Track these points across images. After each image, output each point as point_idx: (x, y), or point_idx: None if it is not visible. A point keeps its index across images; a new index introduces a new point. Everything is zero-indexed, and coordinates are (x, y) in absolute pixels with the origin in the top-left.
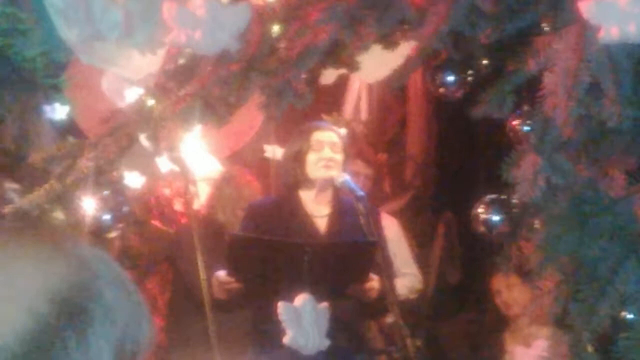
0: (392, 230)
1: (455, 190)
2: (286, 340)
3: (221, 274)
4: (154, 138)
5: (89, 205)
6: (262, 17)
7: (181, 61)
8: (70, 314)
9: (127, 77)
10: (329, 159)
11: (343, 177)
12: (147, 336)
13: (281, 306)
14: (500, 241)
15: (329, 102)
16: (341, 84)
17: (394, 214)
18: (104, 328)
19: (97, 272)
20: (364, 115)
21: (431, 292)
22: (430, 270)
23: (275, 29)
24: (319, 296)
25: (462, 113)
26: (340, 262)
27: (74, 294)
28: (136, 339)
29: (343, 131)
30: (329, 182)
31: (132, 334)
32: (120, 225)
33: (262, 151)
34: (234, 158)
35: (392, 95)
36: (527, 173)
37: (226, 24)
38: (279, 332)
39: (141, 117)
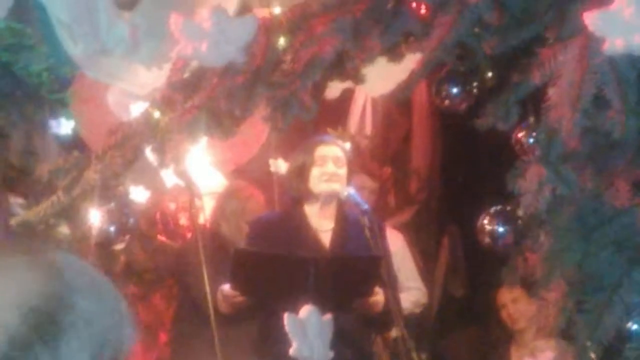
0: (396, 244)
1: (460, 204)
2: (291, 351)
3: (226, 287)
4: (160, 150)
5: (95, 217)
6: (268, 29)
7: (187, 73)
8: (42, 326)
9: (133, 92)
10: (332, 174)
11: (348, 191)
12: (129, 342)
13: (287, 317)
14: (505, 253)
15: (333, 116)
16: (346, 98)
17: (398, 227)
18: (78, 338)
19: (70, 281)
20: (368, 129)
21: (436, 305)
22: (435, 284)
23: (281, 41)
24: (323, 310)
25: (467, 126)
26: (345, 277)
27: (46, 306)
28: (117, 345)
29: (348, 145)
30: (333, 196)
31: (113, 341)
32: (126, 237)
33: (268, 165)
34: (239, 172)
35: (396, 109)
36: (532, 184)
37: (232, 37)
38: (284, 344)
39: (147, 129)
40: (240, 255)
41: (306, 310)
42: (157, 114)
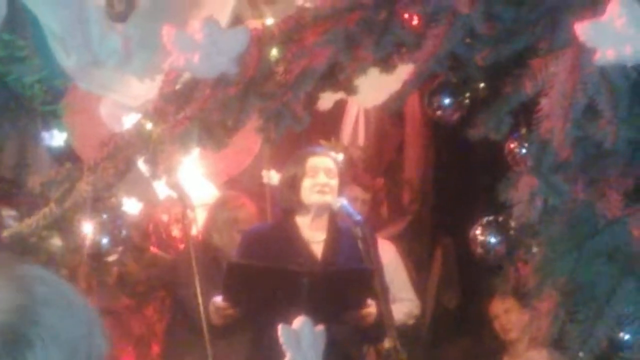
0: (389, 255)
1: (453, 215)
2: None
3: (218, 299)
4: (152, 161)
5: (87, 229)
6: (260, 40)
7: (179, 85)
8: (9, 341)
9: (126, 104)
10: (323, 184)
11: (341, 202)
12: (101, 351)
13: (281, 329)
14: (497, 263)
15: (326, 127)
16: (339, 109)
17: (391, 238)
18: (46, 351)
19: (36, 295)
20: (361, 140)
21: (429, 317)
22: (428, 295)
23: (274, 52)
24: (316, 321)
25: (459, 137)
26: (338, 289)
27: (12, 321)
28: (89, 355)
29: (340, 157)
30: (325, 208)
31: (83, 352)
32: (119, 248)
33: (260, 177)
34: (232, 184)
35: (389, 120)
36: (524, 194)
37: (224, 48)
38: (276, 356)
39: (139, 140)
40: (234, 267)
41: (300, 322)
42: (149, 125)
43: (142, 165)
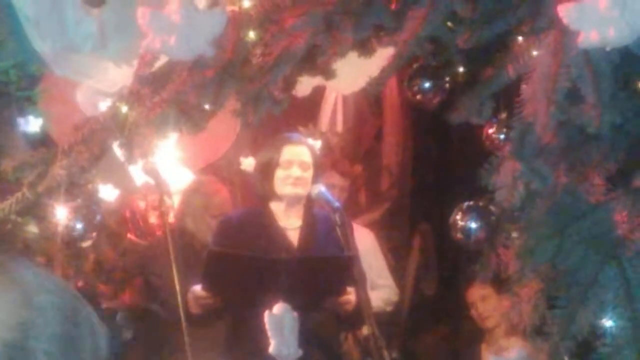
0: (367, 242)
1: (432, 202)
2: (271, 349)
3: (197, 288)
4: (128, 145)
5: (62, 214)
6: (237, 22)
7: (155, 67)
8: (14, 356)
9: (102, 90)
10: (296, 178)
11: (319, 189)
12: (104, 350)
13: (267, 316)
14: (478, 249)
15: (304, 113)
16: (317, 96)
17: (369, 225)
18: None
19: (40, 306)
20: (339, 127)
21: (407, 304)
22: (406, 282)
23: (251, 34)
24: (295, 309)
25: (438, 124)
26: (317, 276)
27: (17, 336)
28: (94, 356)
29: (318, 143)
30: (298, 199)
31: (89, 353)
32: (94, 234)
33: (238, 163)
34: (209, 170)
35: (367, 107)
36: (506, 179)
37: (201, 30)
38: (255, 343)
39: (115, 123)
40: (214, 256)
41: (281, 308)
42: (124, 109)
43: (117, 149)
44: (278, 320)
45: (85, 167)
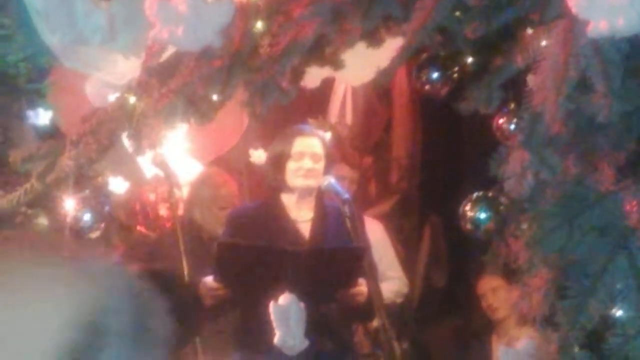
0: (377, 234)
1: (442, 193)
2: (276, 340)
3: (209, 280)
4: (136, 136)
5: (70, 205)
6: (245, 13)
7: (163, 58)
8: (90, 334)
9: (111, 82)
10: (308, 169)
11: (329, 180)
12: (166, 329)
13: (272, 307)
14: (487, 239)
15: (314, 106)
16: (326, 88)
17: (379, 217)
18: (121, 339)
19: (109, 288)
20: (349, 118)
21: (418, 295)
22: (416, 274)
23: (259, 25)
24: (307, 301)
25: (447, 115)
26: (328, 268)
27: (92, 318)
28: (157, 335)
29: (328, 135)
30: (310, 191)
31: (154, 331)
32: (102, 225)
33: (248, 156)
34: (219, 162)
35: (376, 98)
36: (515, 169)
37: (209, 20)
38: (264, 334)
39: (123, 114)
40: (225, 247)
41: (287, 298)
42: (132, 99)
43: (126, 140)
44: (284, 311)
45: (94, 158)
